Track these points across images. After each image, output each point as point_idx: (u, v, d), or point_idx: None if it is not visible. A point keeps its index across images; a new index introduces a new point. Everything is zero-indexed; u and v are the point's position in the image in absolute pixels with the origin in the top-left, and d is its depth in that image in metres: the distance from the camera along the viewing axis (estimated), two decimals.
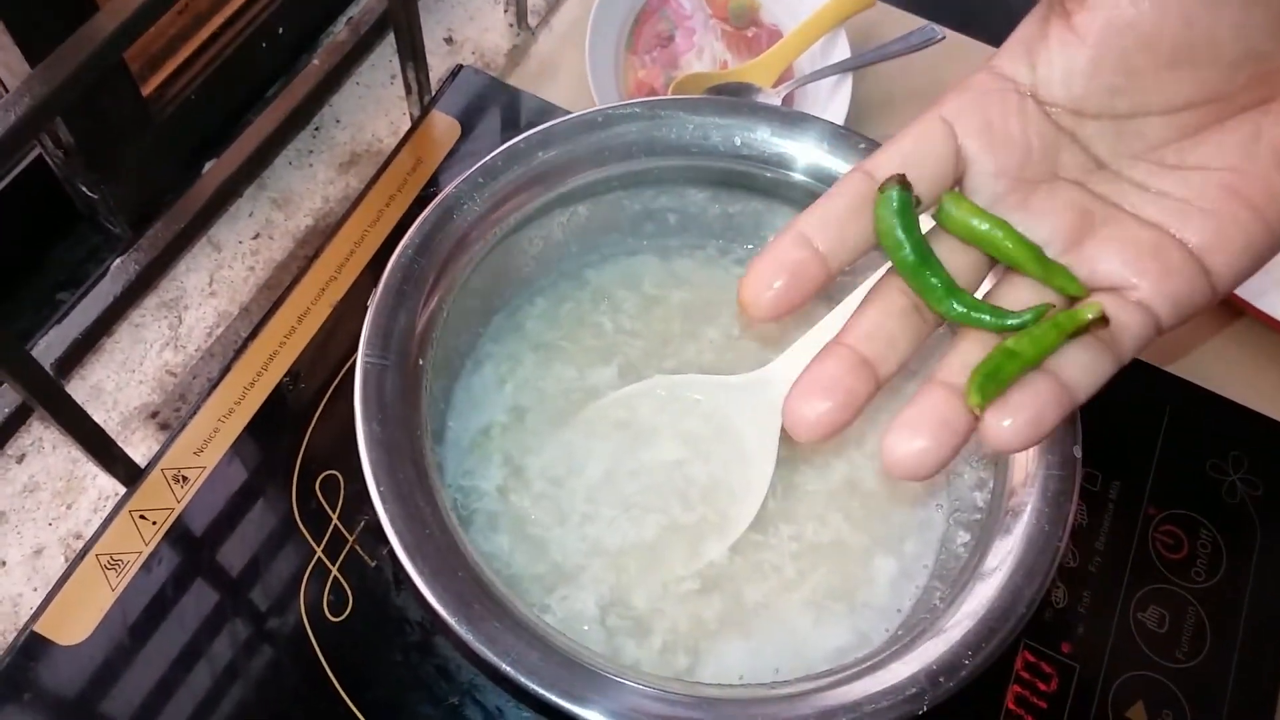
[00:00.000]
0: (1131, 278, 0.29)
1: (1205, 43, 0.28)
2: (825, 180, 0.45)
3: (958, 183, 0.30)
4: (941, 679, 0.34)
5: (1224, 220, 0.29)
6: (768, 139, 0.45)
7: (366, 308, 0.39)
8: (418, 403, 0.39)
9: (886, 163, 0.29)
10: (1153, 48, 0.28)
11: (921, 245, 0.29)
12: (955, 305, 0.28)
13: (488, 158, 0.42)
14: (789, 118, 0.46)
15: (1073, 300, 0.29)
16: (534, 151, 0.43)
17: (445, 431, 0.45)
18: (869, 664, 0.35)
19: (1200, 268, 0.29)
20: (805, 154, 0.45)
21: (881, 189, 0.29)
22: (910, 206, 0.28)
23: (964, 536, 0.42)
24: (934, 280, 0.29)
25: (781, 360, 0.44)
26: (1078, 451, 0.38)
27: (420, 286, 0.40)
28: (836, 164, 0.45)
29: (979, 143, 0.29)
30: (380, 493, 0.35)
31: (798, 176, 0.46)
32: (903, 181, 0.28)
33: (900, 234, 0.28)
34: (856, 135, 0.46)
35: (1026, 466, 0.39)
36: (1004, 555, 0.37)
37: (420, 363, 0.39)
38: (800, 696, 0.35)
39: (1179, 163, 0.29)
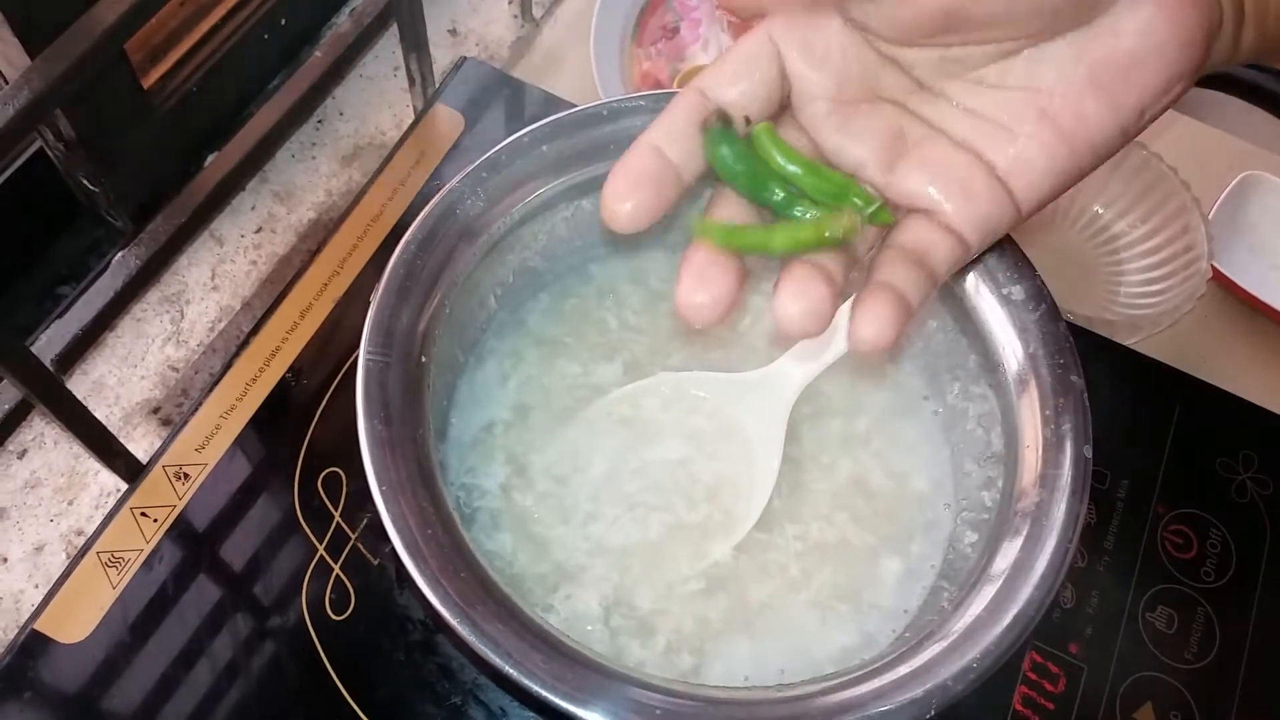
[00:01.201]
0: (940, 201, 0.30)
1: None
2: None
3: (785, 100, 0.31)
4: (949, 683, 0.33)
5: (1029, 143, 0.30)
6: None
7: (369, 303, 0.39)
8: (420, 400, 0.38)
9: (716, 82, 0.30)
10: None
11: (753, 171, 0.30)
12: (797, 212, 0.30)
13: (491, 152, 0.42)
14: None
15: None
16: (538, 145, 0.42)
17: (448, 428, 0.44)
18: (875, 667, 0.35)
19: (1005, 191, 0.30)
20: None
21: (704, 127, 0.30)
22: (735, 138, 0.30)
23: (972, 536, 0.41)
24: (775, 194, 0.30)
25: (788, 357, 0.43)
26: (1088, 451, 0.38)
27: (423, 283, 0.39)
28: None
29: (802, 63, 0.30)
30: (382, 492, 0.35)
31: None
32: (723, 117, 0.30)
33: (732, 165, 0.30)
34: None
35: (1036, 466, 0.38)
36: (1012, 557, 0.36)
37: (423, 360, 0.39)
38: (805, 699, 0.34)
39: (999, 82, 0.30)
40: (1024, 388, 0.40)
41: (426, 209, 0.40)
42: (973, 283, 0.42)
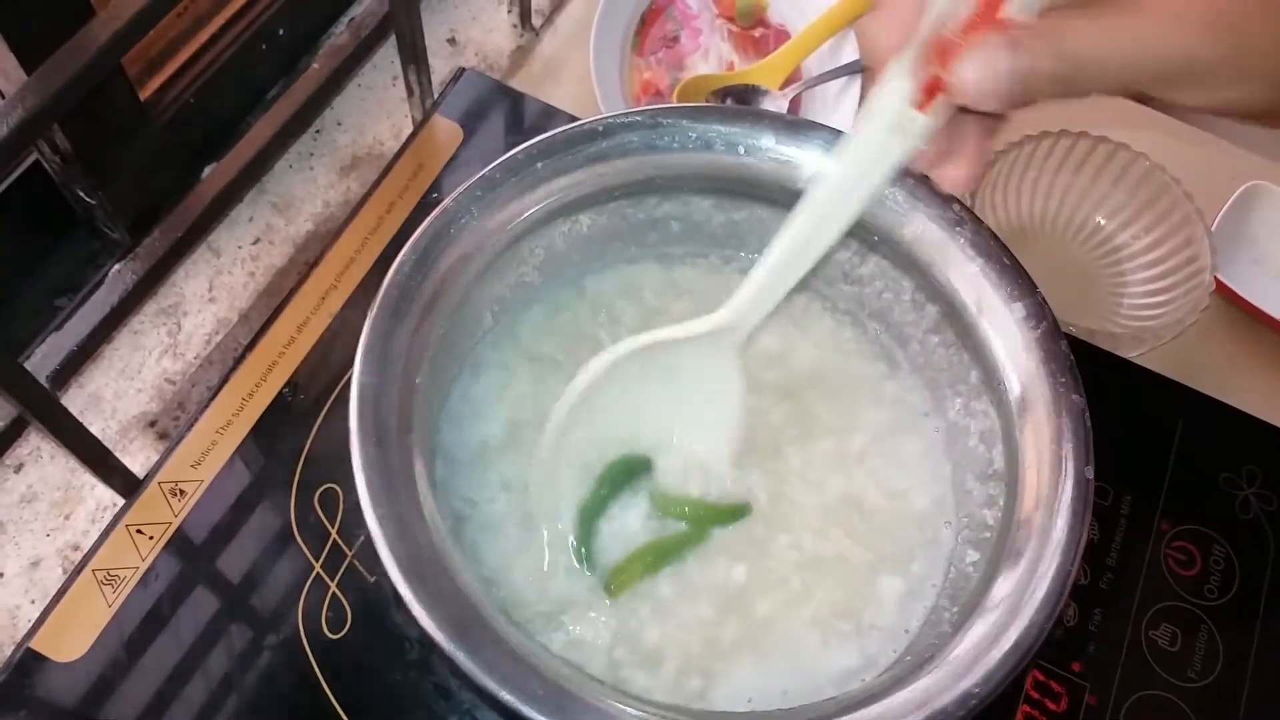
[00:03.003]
0: None
1: None
2: None
3: None
4: (949, 709, 0.33)
5: None
6: (772, 146, 0.44)
7: (366, 319, 0.39)
8: (415, 421, 0.38)
9: None
10: None
11: None
12: None
13: (486, 169, 0.41)
14: (793, 125, 0.45)
15: None
16: (534, 162, 0.42)
17: (442, 446, 0.44)
18: (874, 692, 0.34)
19: None
20: (810, 161, 0.44)
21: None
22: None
23: (973, 556, 0.41)
24: None
25: (732, 304, 0.41)
26: (1089, 473, 0.37)
27: (417, 302, 0.39)
28: None
29: None
30: (377, 515, 0.35)
31: (803, 184, 0.45)
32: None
33: None
34: None
35: (1037, 487, 0.38)
36: (1014, 581, 0.36)
37: (417, 380, 0.38)
38: None
39: None
40: (1025, 407, 0.39)
41: (421, 228, 0.40)
42: (974, 299, 0.42)
